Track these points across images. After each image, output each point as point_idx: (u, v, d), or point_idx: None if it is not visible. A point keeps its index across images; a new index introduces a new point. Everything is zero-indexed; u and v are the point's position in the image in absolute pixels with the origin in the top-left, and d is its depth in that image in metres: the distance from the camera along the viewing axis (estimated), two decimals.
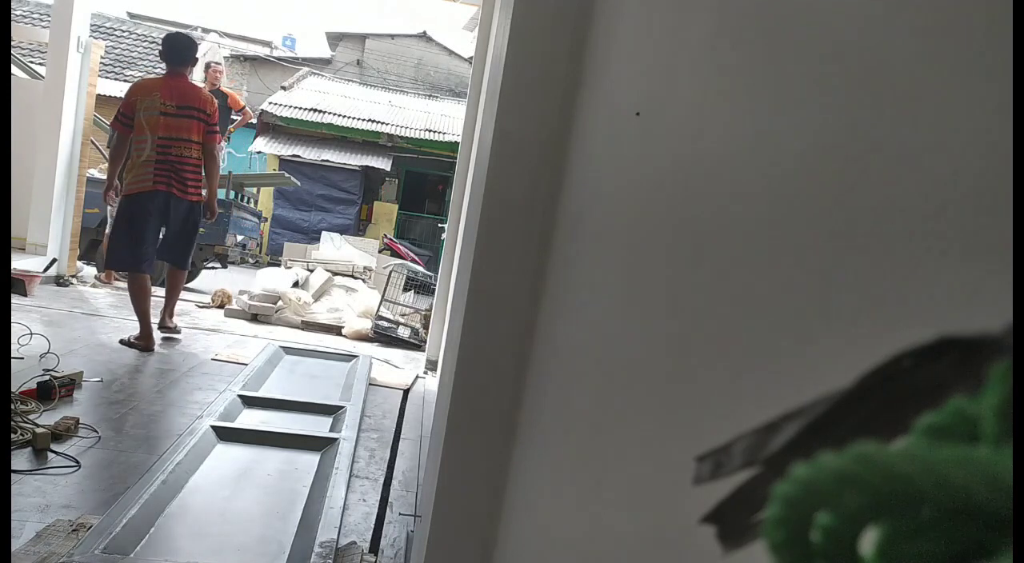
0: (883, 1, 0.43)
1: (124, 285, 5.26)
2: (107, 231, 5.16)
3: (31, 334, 3.60)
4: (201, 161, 4.16)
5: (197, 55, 4.34)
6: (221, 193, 6.21)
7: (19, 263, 5.16)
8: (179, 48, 4.12)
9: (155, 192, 3.97)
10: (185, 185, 4.07)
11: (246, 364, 4.07)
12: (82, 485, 2.29)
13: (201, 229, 4.99)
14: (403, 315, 5.90)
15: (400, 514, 2.46)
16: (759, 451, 0.25)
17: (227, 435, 2.88)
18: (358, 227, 12.71)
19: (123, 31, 14.88)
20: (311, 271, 6.45)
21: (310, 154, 12.61)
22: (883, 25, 0.42)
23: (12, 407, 2.65)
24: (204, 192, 4.27)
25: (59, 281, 5.71)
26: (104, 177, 5.00)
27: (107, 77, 11.90)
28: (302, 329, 5.67)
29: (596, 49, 1.22)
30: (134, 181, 3.98)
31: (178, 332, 4.53)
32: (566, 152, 1.32)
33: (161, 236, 4.15)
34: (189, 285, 6.99)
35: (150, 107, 3.95)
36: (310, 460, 2.80)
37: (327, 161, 12.52)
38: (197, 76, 5.99)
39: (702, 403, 0.57)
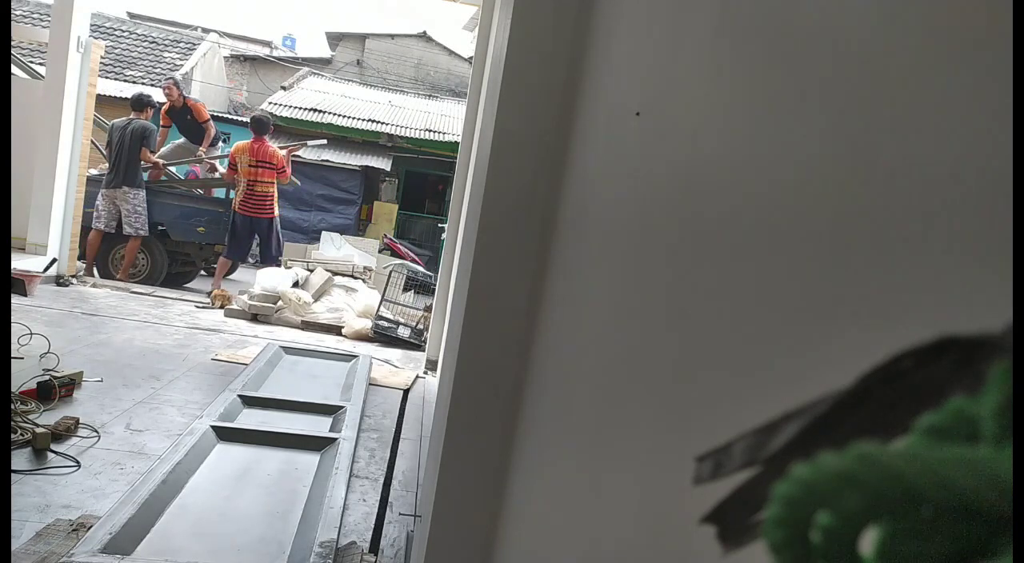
0: (882, 2, 0.43)
1: (124, 286, 6.34)
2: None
3: (31, 334, 3.60)
4: (274, 190, 6.73)
5: (271, 128, 6.90)
6: (220, 192, 7.50)
7: (19, 263, 5.16)
8: (256, 124, 6.69)
9: (244, 215, 6.67)
10: (263, 208, 6.68)
11: (246, 364, 4.07)
12: (82, 485, 2.29)
13: (201, 228, 7.11)
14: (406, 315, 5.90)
15: (400, 514, 2.46)
16: (759, 451, 0.25)
17: (227, 435, 2.88)
18: (358, 227, 12.68)
19: (123, 31, 14.84)
20: (311, 271, 6.44)
21: (310, 154, 12.59)
22: (882, 25, 0.42)
23: (12, 407, 2.65)
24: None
25: (59, 281, 5.71)
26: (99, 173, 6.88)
27: (107, 77, 11.87)
28: (302, 329, 5.66)
29: (596, 49, 1.22)
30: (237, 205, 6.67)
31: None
32: (566, 152, 1.32)
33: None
34: (190, 285, 7.40)
35: (243, 161, 6.54)
36: (310, 460, 2.80)
37: (327, 161, 12.51)
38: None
39: (702, 403, 0.57)
